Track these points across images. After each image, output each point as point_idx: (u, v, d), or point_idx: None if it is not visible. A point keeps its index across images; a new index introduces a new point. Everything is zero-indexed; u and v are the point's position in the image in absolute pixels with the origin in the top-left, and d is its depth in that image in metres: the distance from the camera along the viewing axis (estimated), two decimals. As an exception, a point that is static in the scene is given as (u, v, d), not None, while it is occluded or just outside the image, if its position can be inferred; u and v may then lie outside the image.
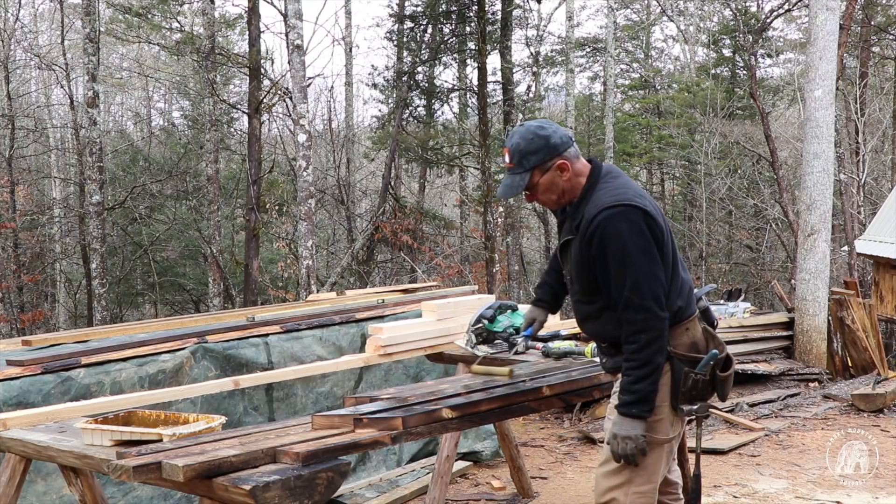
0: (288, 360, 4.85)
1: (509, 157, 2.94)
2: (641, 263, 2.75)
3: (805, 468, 5.80)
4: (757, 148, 17.23)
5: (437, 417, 2.97)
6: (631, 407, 2.78)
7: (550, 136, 2.91)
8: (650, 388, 2.78)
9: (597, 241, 2.80)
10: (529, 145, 2.90)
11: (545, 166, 2.91)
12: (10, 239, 14.61)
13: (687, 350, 2.88)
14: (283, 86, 12.26)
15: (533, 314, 3.40)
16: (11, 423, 3.15)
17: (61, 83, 16.31)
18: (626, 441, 2.79)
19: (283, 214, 14.63)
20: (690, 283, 3.00)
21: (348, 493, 5.01)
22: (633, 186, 2.90)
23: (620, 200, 2.79)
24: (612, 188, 2.86)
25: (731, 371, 2.97)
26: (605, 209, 2.78)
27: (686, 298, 2.92)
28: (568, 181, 2.93)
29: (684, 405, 2.88)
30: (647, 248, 2.76)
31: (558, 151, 2.90)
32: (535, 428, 7.18)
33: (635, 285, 2.75)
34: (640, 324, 2.76)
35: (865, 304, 8.88)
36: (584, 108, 22.09)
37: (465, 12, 15.22)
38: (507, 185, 2.95)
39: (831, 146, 9.15)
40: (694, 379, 2.85)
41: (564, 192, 2.95)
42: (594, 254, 2.82)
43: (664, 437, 2.89)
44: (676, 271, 2.90)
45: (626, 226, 2.75)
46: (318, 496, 2.42)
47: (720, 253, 20.66)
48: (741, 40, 16.54)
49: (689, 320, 2.91)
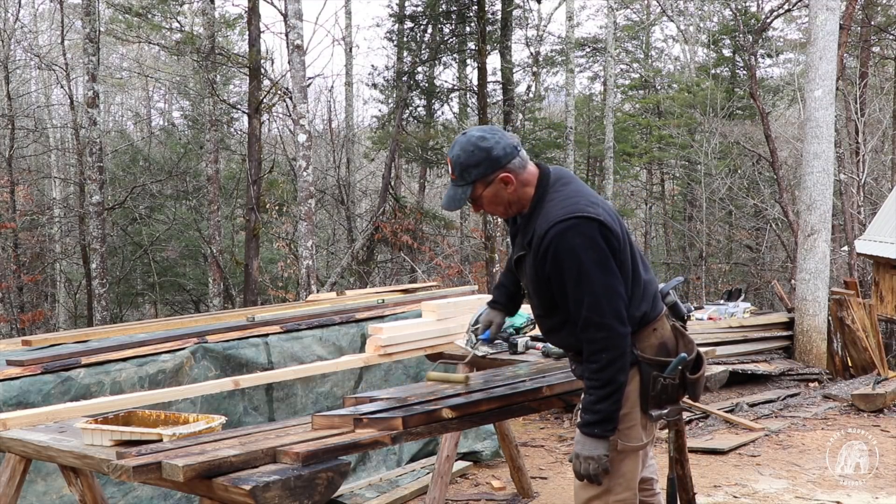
0: (288, 360, 4.85)
1: (451, 168, 2.82)
2: (599, 278, 2.65)
3: (805, 468, 5.80)
4: (757, 148, 17.23)
5: (437, 417, 2.96)
6: (593, 427, 2.72)
7: (492, 148, 2.76)
8: (612, 408, 2.71)
9: (550, 258, 2.69)
10: (470, 158, 2.77)
11: (487, 179, 2.78)
12: (10, 239, 14.61)
13: (655, 353, 2.82)
14: (283, 86, 12.26)
15: (490, 317, 3.30)
16: (11, 423, 3.15)
17: (61, 83, 16.32)
18: (588, 461, 2.74)
19: (283, 214, 14.64)
20: (654, 284, 2.92)
21: (348, 493, 5.01)
22: (584, 193, 2.78)
23: (572, 213, 2.66)
24: (563, 198, 2.74)
25: (701, 372, 2.91)
26: (556, 224, 2.66)
27: (651, 301, 2.84)
28: (514, 193, 2.80)
29: (654, 410, 2.83)
30: (603, 261, 2.66)
31: (500, 164, 2.77)
32: (535, 428, 7.18)
33: (594, 303, 2.65)
34: (600, 342, 2.67)
35: (865, 304, 8.88)
36: (584, 108, 22.09)
37: (465, 12, 15.23)
38: (449, 196, 2.84)
39: (831, 146, 9.15)
40: (663, 384, 2.79)
41: (511, 204, 2.84)
42: (549, 272, 2.72)
43: (638, 443, 2.84)
44: (638, 276, 2.81)
45: (579, 240, 2.64)
46: (318, 496, 2.42)
47: (720, 253, 20.66)
48: (741, 40, 16.55)
49: (657, 321, 2.85)
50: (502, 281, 3.31)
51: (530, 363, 4.01)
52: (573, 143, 16.82)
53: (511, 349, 4.25)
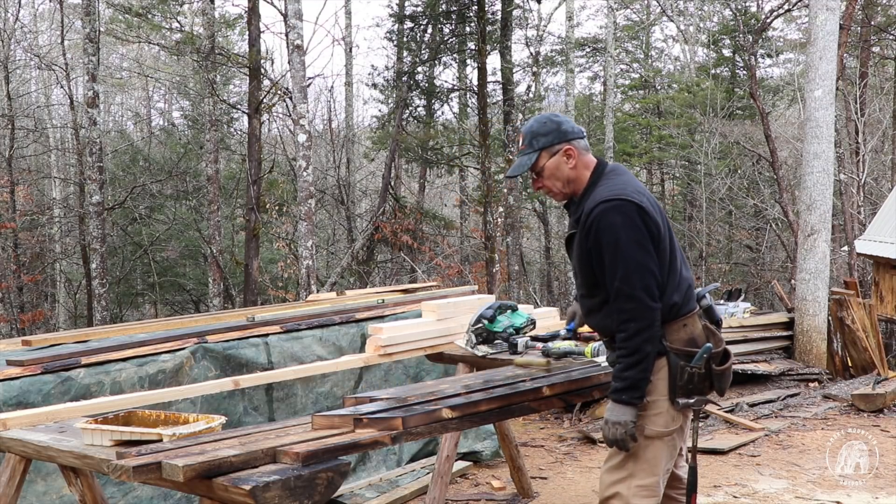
0: (288, 360, 4.85)
1: (522, 139, 3.08)
2: (633, 254, 2.81)
3: (805, 468, 5.80)
4: (757, 148, 17.22)
5: (437, 417, 2.96)
6: (621, 393, 2.85)
7: (563, 122, 3.06)
8: (640, 376, 2.83)
9: (593, 234, 2.88)
10: (542, 128, 3.04)
11: (553, 149, 3.02)
12: (10, 239, 14.61)
13: (683, 345, 2.93)
14: (283, 86, 12.26)
15: (575, 308, 3.57)
16: (11, 423, 3.15)
17: (61, 83, 16.32)
18: (615, 426, 2.86)
19: (283, 214, 14.64)
20: (691, 281, 3.04)
21: (348, 493, 5.01)
22: (633, 184, 2.97)
23: (618, 195, 2.87)
24: (613, 184, 2.94)
25: (727, 365, 3.01)
26: (601, 202, 2.87)
27: (684, 295, 2.96)
28: (573, 169, 3.03)
29: (681, 399, 2.92)
30: (640, 240, 2.83)
31: (567, 137, 3.03)
32: (535, 428, 7.18)
33: (626, 275, 2.81)
34: (629, 313, 2.82)
35: (865, 304, 8.88)
36: (584, 108, 22.09)
37: (465, 12, 15.23)
38: (516, 164, 3.09)
39: (831, 146, 9.15)
40: (689, 373, 2.90)
41: (569, 181, 3.05)
42: (591, 246, 2.91)
43: (664, 430, 2.94)
44: (675, 267, 2.96)
45: (620, 218, 2.83)
46: (318, 496, 2.42)
47: (720, 253, 20.65)
48: (741, 40, 16.55)
49: (688, 317, 2.96)
50: None
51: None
52: (573, 143, 16.76)
53: (511, 349, 4.25)
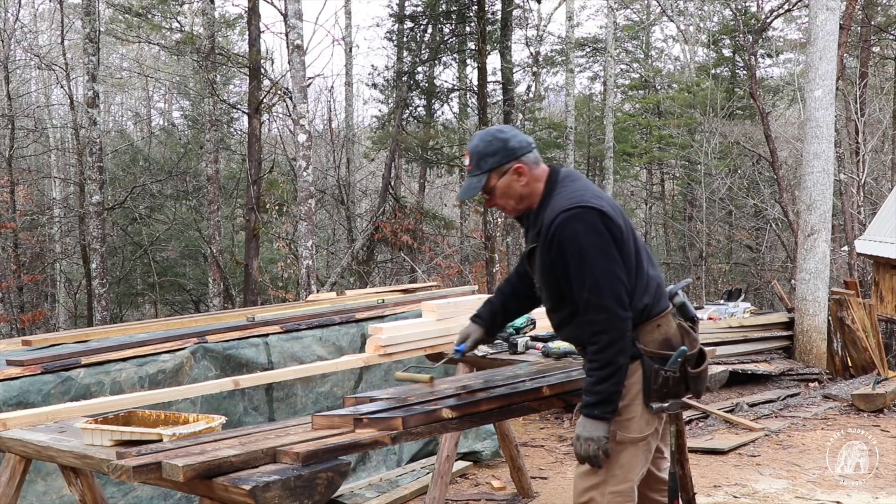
0: (288, 360, 4.85)
1: (468, 159, 2.96)
2: (600, 263, 2.74)
3: (805, 468, 5.80)
4: (757, 148, 17.22)
5: (437, 417, 2.96)
6: (593, 408, 2.78)
7: (509, 139, 2.92)
8: (613, 390, 2.76)
9: (556, 245, 2.80)
10: (487, 147, 2.92)
11: (502, 169, 2.92)
12: (10, 239, 14.61)
13: (658, 347, 2.87)
14: (283, 86, 12.26)
15: (468, 330, 3.33)
16: (11, 423, 3.14)
17: (61, 83, 16.32)
18: (588, 442, 2.79)
19: (283, 214, 14.63)
20: (659, 280, 2.98)
21: (348, 493, 5.01)
22: (590, 188, 2.91)
23: (577, 203, 2.79)
24: (569, 192, 2.87)
25: (703, 367, 2.96)
26: (561, 212, 2.79)
27: (654, 295, 2.90)
28: (525, 186, 2.94)
29: (655, 403, 2.87)
30: (604, 247, 2.76)
31: (516, 155, 2.91)
32: (535, 428, 7.18)
33: (594, 285, 2.74)
34: (600, 324, 2.75)
35: (865, 304, 8.89)
36: (584, 108, 22.08)
37: (465, 12, 15.23)
38: (465, 186, 2.98)
39: (831, 146, 9.15)
40: (664, 376, 2.84)
41: (522, 198, 2.96)
42: (554, 258, 2.83)
43: (638, 435, 2.88)
44: (641, 269, 2.88)
45: (581, 227, 2.75)
46: (318, 496, 2.42)
47: (720, 253, 20.65)
48: (741, 40, 16.55)
49: (661, 317, 2.90)
50: (491, 298, 3.37)
51: (530, 363, 4.01)
52: (573, 143, 16.82)
53: (511, 349, 4.25)
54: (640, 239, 2.96)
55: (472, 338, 3.31)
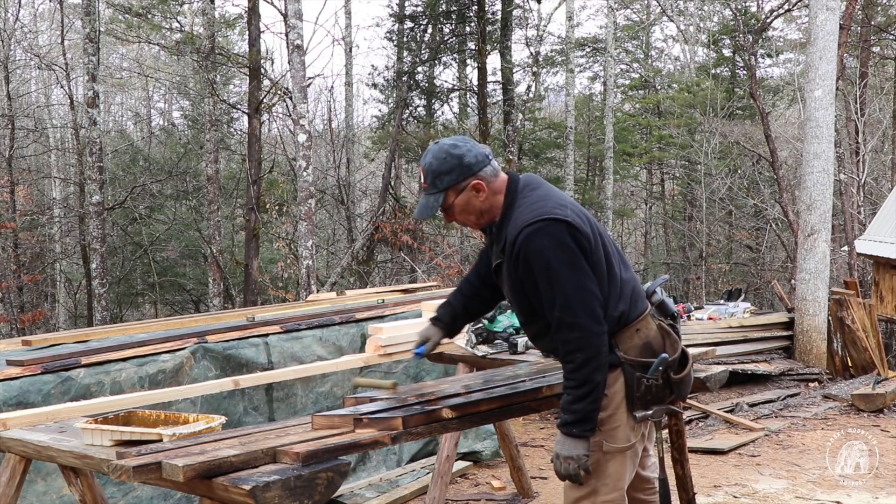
0: (288, 360, 4.85)
1: (423, 176, 2.83)
2: (569, 278, 2.64)
3: (805, 468, 5.80)
4: (757, 148, 17.23)
5: (437, 417, 2.96)
6: (572, 427, 2.71)
7: (464, 155, 2.79)
8: (591, 408, 2.69)
9: (522, 262, 2.70)
10: (442, 165, 2.79)
11: (459, 186, 2.80)
12: (10, 239, 14.60)
13: (639, 353, 2.79)
14: (283, 86, 12.26)
15: (428, 333, 3.22)
16: (11, 423, 3.14)
17: (61, 83, 16.32)
18: (567, 461, 2.73)
19: (283, 214, 14.63)
20: (634, 283, 2.88)
21: (348, 493, 5.01)
22: (552, 196, 2.77)
23: (539, 216, 2.67)
24: (531, 202, 2.75)
25: (686, 371, 2.89)
26: (524, 228, 2.68)
27: (630, 300, 2.81)
28: (485, 201, 2.82)
29: (639, 411, 2.81)
30: (572, 261, 2.65)
31: (472, 171, 2.79)
32: (535, 428, 7.18)
33: (565, 303, 2.65)
34: (574, 343, 2.66)
35: (865, 304, 8.89)
36: (584, 108, 22.09)
37: (465, 12, 15.24)
38: (422, 205, 2.85)
39: (831, 146, 9.15)
40: (646, 385, 2.78)
41: (482, 213, 2.85)
42: (522, 276, 2.74)
43: (624, 444, 2.83)
44: (614, 275, 2.78)
45: (547, 241, 2.65)
46: (318, 496, 2.42)
47: (720, 253, 20.65)
48: (741, 40, 16.54)
49: (639, 321, 2.81)
50: (450, 299, 3.28)
51: (530, 363, 4.01)
52: (573, 143, 16.83)
53: (511, 349, 4.25)
54: (611, 242, 2.85)
55: (432, 340, 3.22)
